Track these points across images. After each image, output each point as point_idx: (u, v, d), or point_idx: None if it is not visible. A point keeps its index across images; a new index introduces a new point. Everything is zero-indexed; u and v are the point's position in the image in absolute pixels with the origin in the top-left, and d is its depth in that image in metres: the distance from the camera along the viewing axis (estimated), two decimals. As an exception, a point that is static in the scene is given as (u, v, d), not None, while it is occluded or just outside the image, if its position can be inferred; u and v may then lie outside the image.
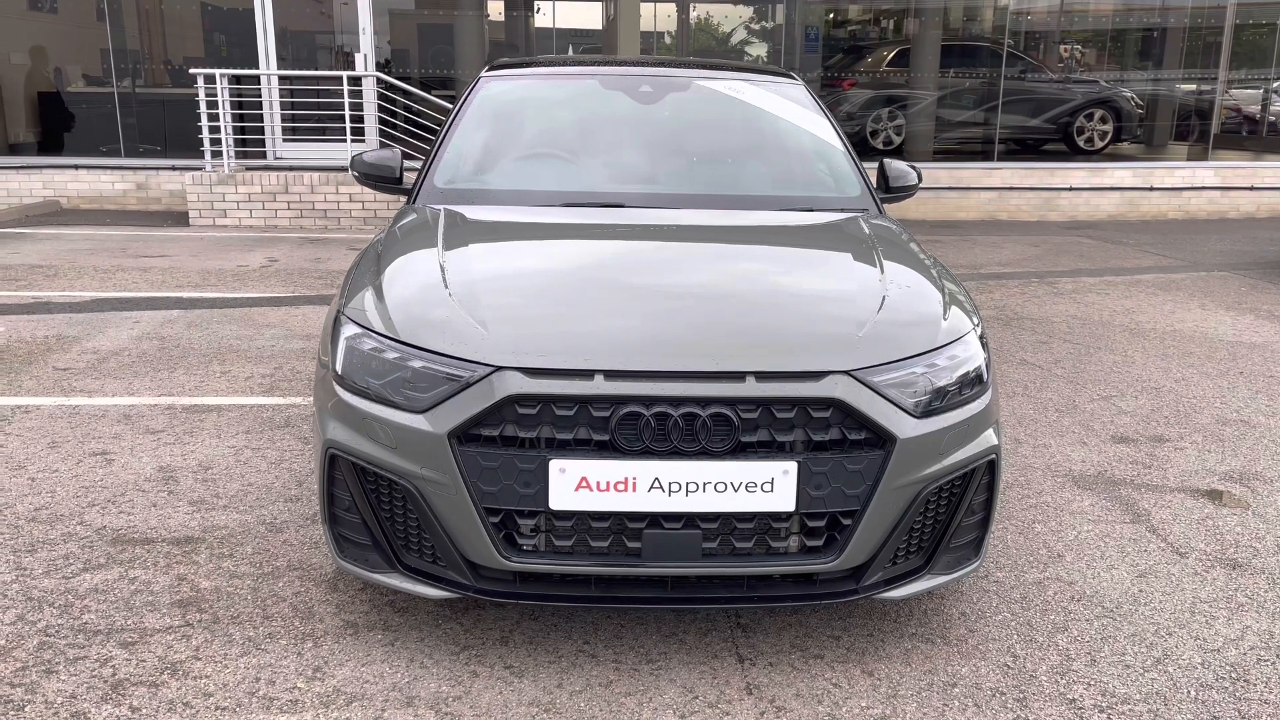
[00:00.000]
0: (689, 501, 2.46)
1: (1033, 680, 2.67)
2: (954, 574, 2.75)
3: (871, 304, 2.79)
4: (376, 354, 2.61)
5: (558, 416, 2.44)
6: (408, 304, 2.73)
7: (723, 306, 2.77)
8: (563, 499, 2.45)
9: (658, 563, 2.51)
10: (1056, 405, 5.04)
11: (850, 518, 2.53)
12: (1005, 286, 8.07)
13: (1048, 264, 9.14)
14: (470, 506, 2.46)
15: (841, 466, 2.49)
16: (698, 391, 2.44)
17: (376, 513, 2.62)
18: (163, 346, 5.76)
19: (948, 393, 2.63)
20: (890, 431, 2.50)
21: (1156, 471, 4.17)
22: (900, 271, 3.05)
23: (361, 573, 2.67)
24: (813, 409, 2.47)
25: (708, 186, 3.79)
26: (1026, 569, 3.29)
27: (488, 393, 2.44)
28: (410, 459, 2.50)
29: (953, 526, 2.70)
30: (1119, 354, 6.02)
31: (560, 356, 2.48)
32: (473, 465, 2.45)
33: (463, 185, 3.71)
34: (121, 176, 11.80)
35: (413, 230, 3.30)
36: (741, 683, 2.62)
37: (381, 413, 2.54)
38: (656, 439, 2.43)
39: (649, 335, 2.59)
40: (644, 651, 2.75)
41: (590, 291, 2.84)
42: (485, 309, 2.66)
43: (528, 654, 2.72)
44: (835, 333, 2.66)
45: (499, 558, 2.50)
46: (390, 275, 2.89)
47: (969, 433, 2.66)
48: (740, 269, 3.11)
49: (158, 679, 2.57)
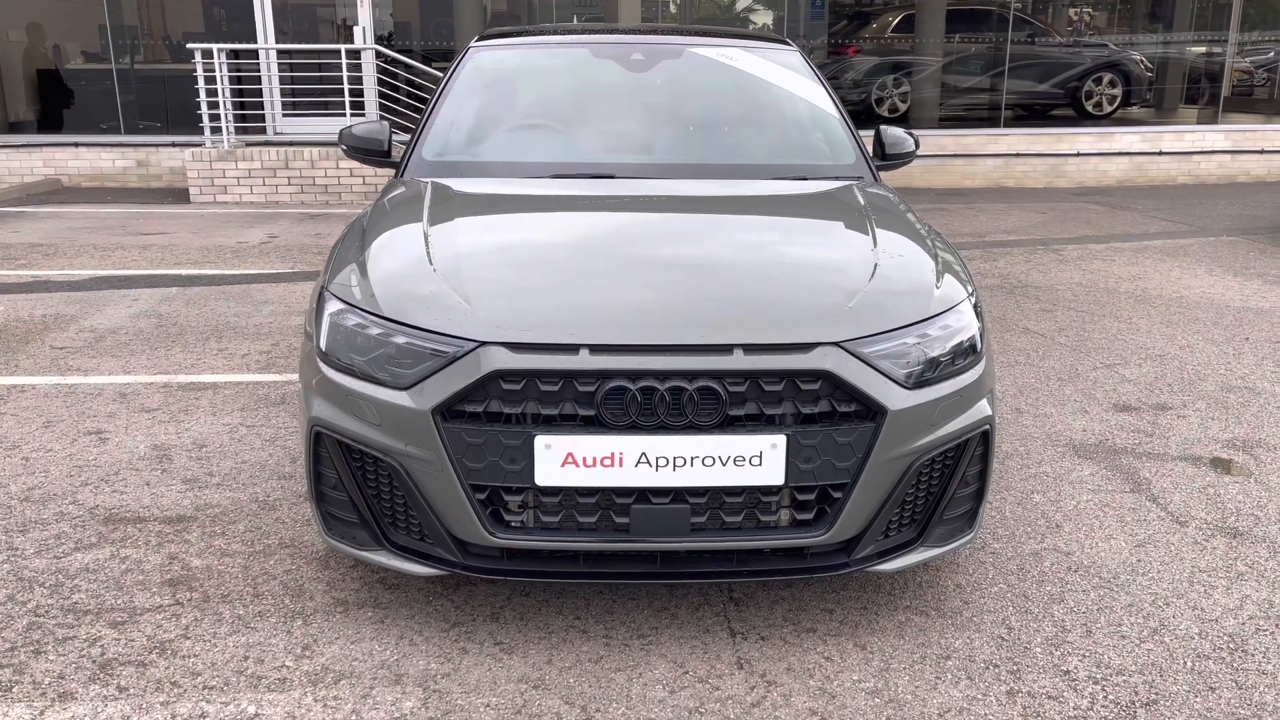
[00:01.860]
0: (677, 476, 2.43)
1: (1027, 652, 2.65)
2: (947, 546, 2.72)
3: (862, 274, 2.75)
4: (360, 330, 2.58)
5: (543, 392, 2.41)
6: (391, 279, 2.70)
7: (711, 278, 2.73)
8: (549, 475, 2.42)
9: (646, 538, 2.48)
10: (1059, 374, 4.99)
11: (841, 491, 2.50)
12: (1010, 254, 7.99)
13: (1054, 231, 9.05)
14: (456, 483, 2.44)
15: (831, 439, 2.45)
16: (684, 365, 2.40)
17: (363, 490, 2.60)
18: (160, 324, 5.74)
19: (940, 363, 2.59)
20: (881, 403, 2.46)
21: (1158, 440, 4.13)
22: (893, 240, 3.00)
23: (349, 550, 2.65)
24: (802, 381, 2.44)
25: (700, 156, 3.74)
26: (1024, 540, 3.26)
27: (472, 368, 2.41)
28: (395, 436, 2.48)
29: (946, 498, 2.67)
30: (1124, 321, 5.96)
31: (545, 331, 2.45)
32: (458, 442, 2.42)
33: (451, 158, 3.66)
34: (121, 154, 11.77)
35: (399, 204, 3.26)
36: (733, 657, 2.61)
37: (366, 389, 2.51)
38: (643, 414, 2.40)
39: (636, 308, 2.55)
40: (635, 626, 2.73)
41: (577, 265, 2.80)
42: (470, 283, 2.62)
43: (518, 630, 2.71)
44: (825, 303, 2.62)
45: (486, 534, 2.48)
46: (374, 250, 2.86)
47: (962, 403, 2.62)
48: (730, 240, 3.06)
49: (146, 658, 2.56)
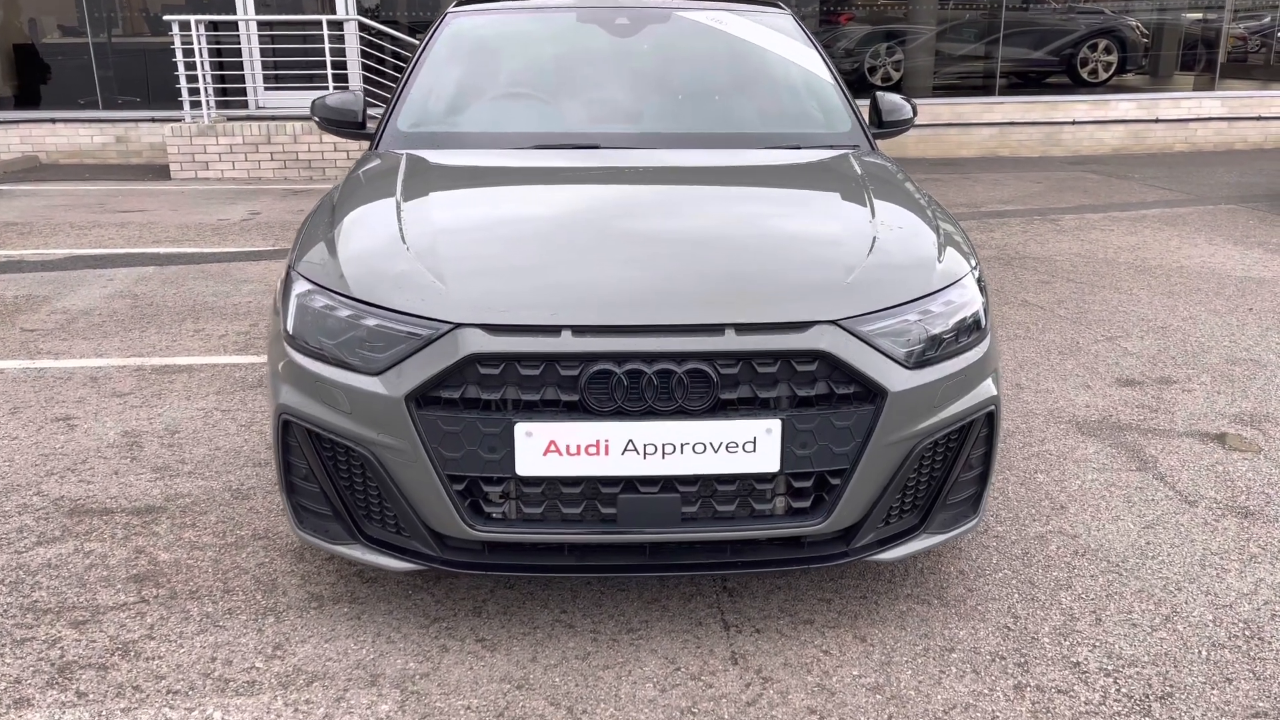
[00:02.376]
0: (666, 464, 2.30)
1: (1034, 643, 2.53)
2: (951, 532, 2.60)
3: (860, 247, 2.60)
4: (329, 312, 2.43)
5: (523, 376, 2.27)
6: (361, 258, 2.55)
7: (700, 254, 2.58)
8: (530, 464, 2.28)
9: (634, 529, 2.35)
10: (1059, 347, 4.86)
11: (839, 477, 2.37)
12: (1007, 225, 7.85)
13: (1051, 201, 8.90)
14: (432, 474, 2.31)
15: (829, 423, 2.32)
16: (673, 346, 2.26)
17: (335, 481, 2.46)
18: (135, 305, 5.57)
19: (943, 341, 2.45)
20: (881, 385, 2.33)
21: (1164, 415, 4.01)
22: (892, 212, 2.85)
23: (322, 544, 2.51)
24: (797, 362, 2.30)
25: (688, 124, 3.58)
26: (1028, 522, 3.14)
27: (447, 352, 2.27)
28: (366, 424, 2.34)
29: (949, 483, 2.54)
30: (1124, 292, 5.82)
31: (524, 312, 2.31)
32: (433, 430, 2.29)
33: (427, 129, 3.49)
34: (100, 129, 11.52)
35: (371, 178, 3.10)
36: (726, 651, 2.48)
37: (335, 375, 2.37)
38: (630, 398, 2.26)
39: (621, 287, 2.41)
40: (624, 620, 2.60)
41: (559, 241, 2.64)
42: (444, 262, 2.47)
43: (501, 625, 2.58)
44: (821, 279, 2.47)
45: (465, 527, 2.34)
46: (344, 227, 2.70)
47: (966, 383, 2.49)
48: (720, 213, 2.91)
49: (108, 660, 2.43)
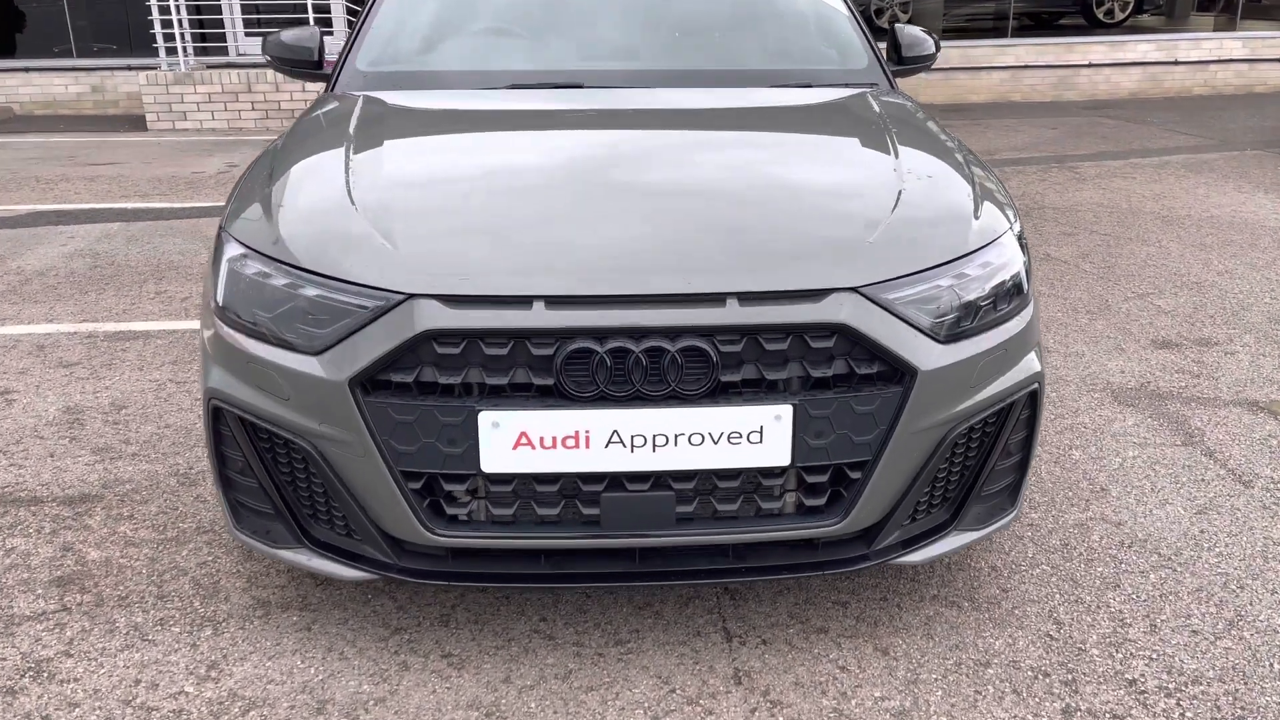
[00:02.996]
0: (657, 459, 1.96)
1: (1082, 655, 2.21)
2: (986, 529, 2.26)
3: (885, 200, 2.24)
4: (263, 280, 2.08)
5: (488, 357, 1.92)
6: (301, 217, 2.18)
7: (697, 210, 2.22)
8: (497, 459, 1.94)
9: (621, 532, 2.02)
10: (1088, 306, 4.50)
11: (859, 470, 2.03)
12: (1023, 173, 7.44)
13: (1068, 147, 8.48)
14: (383, 471, 1.97)
15: (848, 408, 1.98)
16: (665, 320, 1.91)
17: (274, 477, 2.13)
18: (95, 264, 5.21)
19: (980, 309, 2.10)
20: (909, 362, 1.98)
21: (1206, 381, 3.66)
22: (919, 159, 2.49)
23: (262, 547, 2.18)
24: (811, 338, 1.95)
25: (685, 60, 3.18)
26: (1066, 508, 2.81)
27: (398, 328, 1.92)
28: (306, 414, 1.99)
29: (985, 473, 2.20)
30: (1152, 245, 5.45)
31: (489, 279, 1.95)
32: (383, 420, 1.94)
33: (390, 67, 3.10)
34: (75, 79, 11.07)
35: (320, 124, 2.72)
36: (728, 668, 2.16)
37: (270, 355, 2.02)
38: (614, 382, 1.92)
39: (603, 250, 2.05)
40: (612, 630, 2.28)
41: (532, 196, 2.27)
42: (397, 221, 2.11)
43: (471, 638, 2.25)
44: (839, 238, 2.11)
45: (423, 531, 2.01)
46: (283, 181, 2.33)
47: (1007, 358, 2.14)
48: (721, 161, 2.53)
49: (16, 684, 2.11)
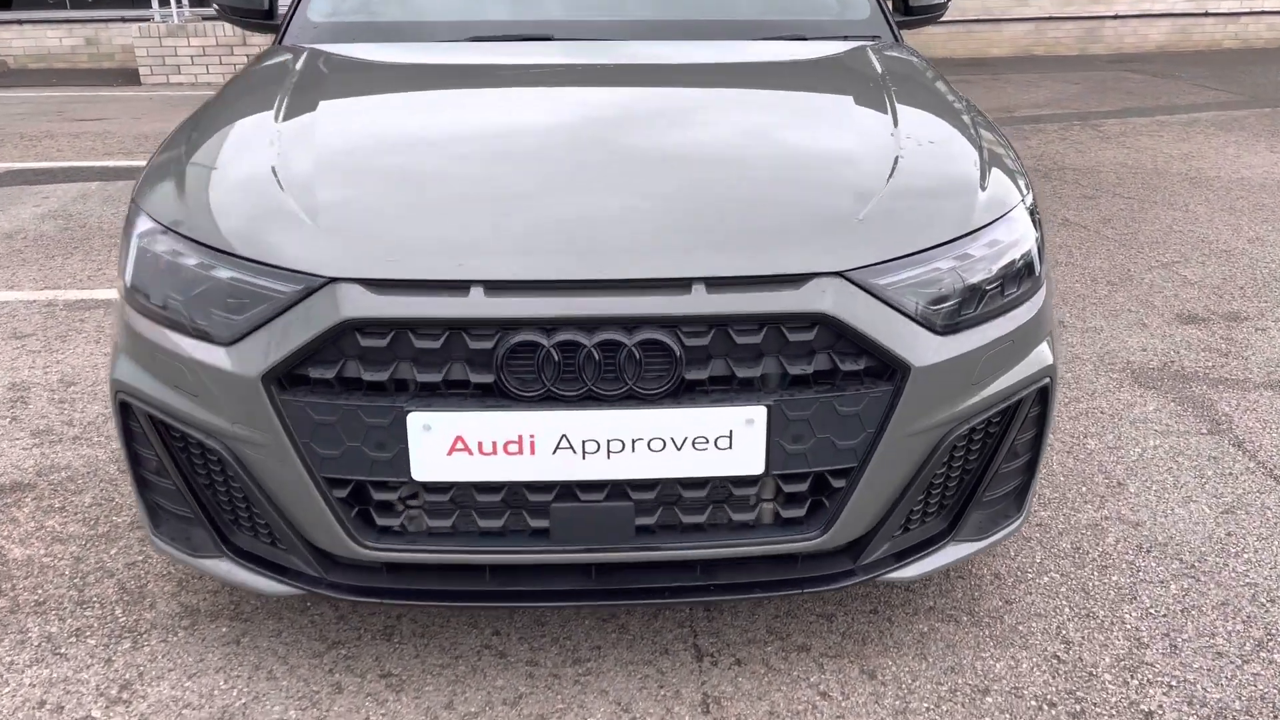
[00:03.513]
0: (612, 466, 1.73)
1: (1093, 681, 1.98)
2: (988, 539, 2.03)
3: (879, 168, 1.98)
4: (173, 259, 1.84)
5: (419, 350, 1.69)
6: (215, 188, 1.94)
7: (663, 181, 1.96)
8: (430, 467, 1.72)
9: (573, 546, 1.80)
10: (1108, 276, 4.22)
11: (843, 478, 1.80)
12: (1043, 131, 7.10)
13: (1091, 104, 8.12)
14: (304, 477, 1.74)
15: (831, 410, 1.73)
16: (621, 309, 1.67)
17: (190, 480, 1.91)
18: (66, 227, 4.99)
19: (985, 295, 1.85)
20: (901, 358, 1.73)
21: (1236, 361, 3.39)
22: (921, 121, 2.22)
23: (181, 556, 1.97)
24: (789, 329, 1.71)
25: (664, 9, 2.89)
26: (1078, 505, 2.57)
27: (317, 316, 1.68)
28: (216, 412, 1.77)
29: (987, 478, 1.96)
30: (1179, 209, 5.14)
31: (420, 261, 1.71)
32: (302, 420, 1.72)
33: (345, 17, 2.82)
34: (69, 31, 10.79)
35: (256, 81, 2.46)
36: (696, 694, 1.94)
37: (178, 345, 1.79)
38: (563, 379, 1.68)
39: (553, 227, 1.80)
40: (570, 647, 2.07)
41: (474, 166, 2.01)
42: (322, 194, 1.86)
43: (415, 654, 2.04)
44: (824, 214, 1.86)
45: (351, 544, 1.79)
46: (203, 148, 2.08)
47: (1015, 350, 1.89)
48: (694, 125, 2.26)
49: (-90, 706, 1.92)
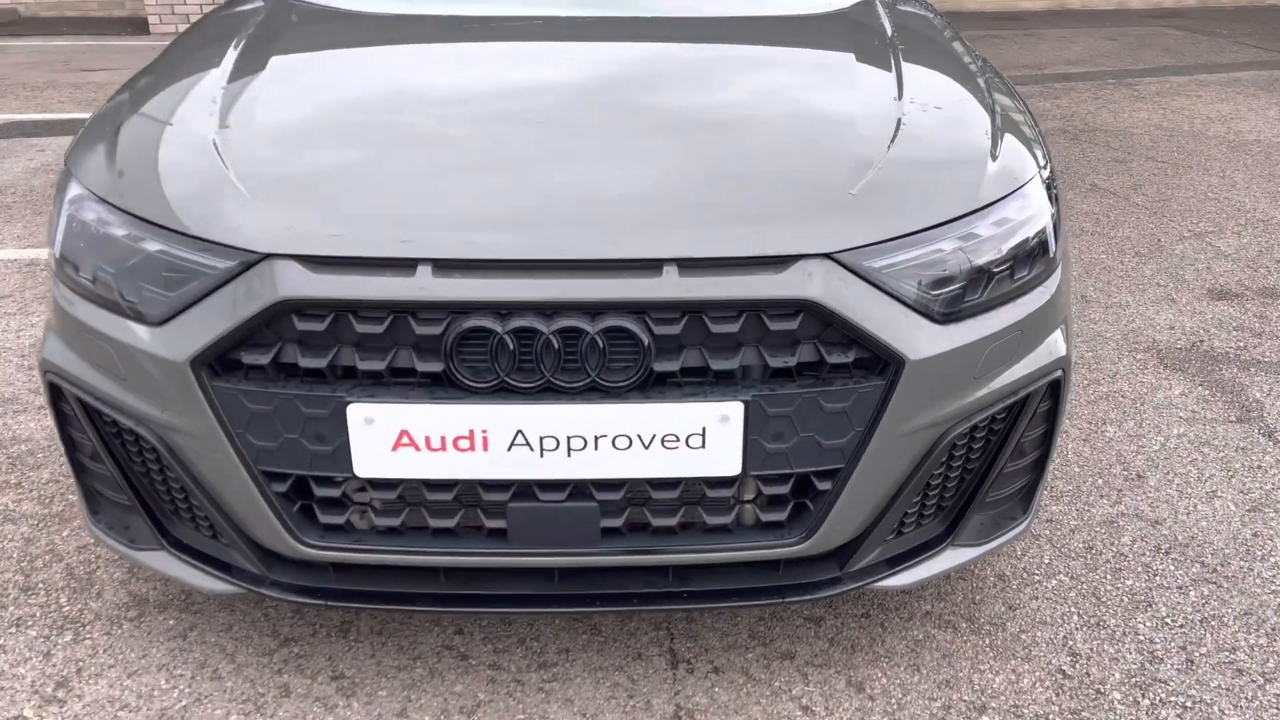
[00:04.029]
0: (573, 465, 1.57)
1: (1100, 700, 1.82)
2: (989, 543, 1.86)
3: (878, 135, 1.79)
4: (102, 229, 1.70)
5: (361, 335, 1.53)
6: (148, 153, 1.78)
7: (634, 149, 1.78)
8: (373, 462, 1.57)
9: (533, 549, 1.65)
10: (1136, 246, 4.00)
11: (829, 480, 1.64)
12: (1075, 90, 6.80)
13: (1127, 61, 7.78)
14: (240, 470, 1.60)
15: (815, 406, 1.57)
16: (584, 293, 1.51)
17: (125, 468, 1.77)
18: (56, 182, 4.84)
19: (992, 279, 1.67)
20: (895, 349, 1.56)
21: (1270, 342, 3.19)
22: (928, 83, 2.02)
23: (119, 548, 1.84)
24: (771, 317, 1.54)
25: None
26: (1093, 499, 2.39)
27: (250, 296, 1.53)
28: (145, 398, 1.63)
29: (990, 478, 1.80)
30: (1215, 174, 4.88)
31: (363, 236, 1.55)
32: (235, 409, 1.57)
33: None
34: (79, -22, 10.58)
35: (211, 34, 2.28)
36: (668, 706, 1.80)
37: (105, 324, 1.65)
38: (519, 369, 1.52)
39: (509, 200, 1.63)
40: (537, 649, 1.93)
41: (430, 132, 1.84)
42: (260, 162, 1.70)
43: (370, 654, 1.91)
44: (813, 187, 1.68)
45: (291, 541, 1.66)
46: (141, 107, 1.93)
47: (1025, 340, 1.72)
48: (673, 86, 2.06)
49: None
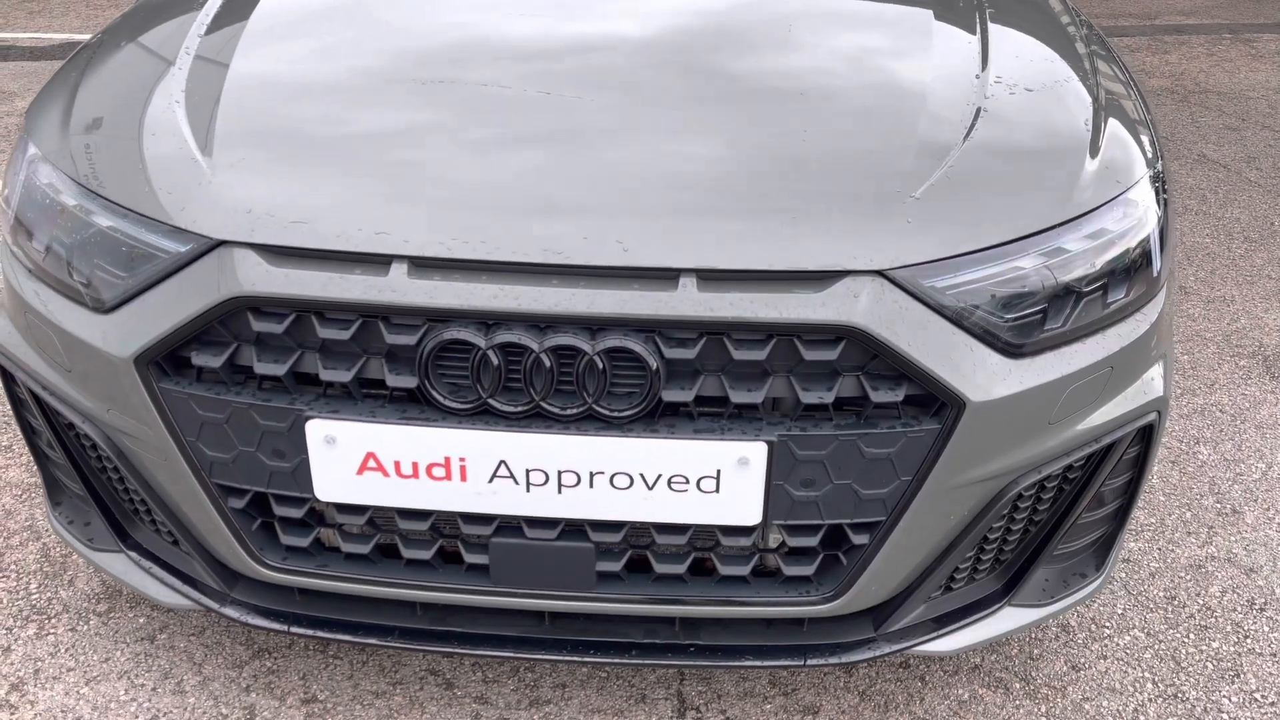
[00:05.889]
0: (563, 503, 1.35)
1: (1171, 794, 1.57)
2: (1055, 604, 1.60)
3: (954, 121, 1.51)
4: (53, 198, 1.50)
5: (325, 341, 1.32)
6: (105, 115, 1.57)
7: (651, 136, 1.51)
8: (335, 486, 1.37)
9: (519, 590, 1.44)
10: (1246, 230, 3.61)
11: (867, 533, 1.39)
12: (1186, 44, 6.26)
13: (1247, 12, 7.16)
14: (191, 482, 1.42)
15: (854, 451, 1.32)
16: (584, 306, 1.27)
17: (79, 462, 1.60)
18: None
19: (1081, 303, 1.39)
20: (955, 389, 1.30)
21: (1394, 352, 2.82)
22: (1019, 52, 1.72)
23: (77, 545, 1.68)
24: (807, 343, 1.29)
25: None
26: (1179, 537, 2.11)
27: (202, 288, 1.33)
28: (90, 394, 1.44)
29: (1060, 532, 1.53)
30: (1340, 149, 4.42)
31: (331, 226, 1.33)
32: (185, 415, 1.38)
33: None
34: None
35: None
36: (670, 763, 1.60)
37: (49, 306, 1.46)
38: (505, 390, 1.30)
39: (503, 189, 1.39)
40: (530, 681, 1.73)
41: (420, 105, 1.59)
42: (224, 135, 1.47)
43: (347, 675, 1.74)
44: (866, 189, 1.40)
45: (249, 562, 1.47)
46: (107, 63, 1.71)
47: (1115, 378, 1.44)
48: (711, 54, 1.76)
49: None
